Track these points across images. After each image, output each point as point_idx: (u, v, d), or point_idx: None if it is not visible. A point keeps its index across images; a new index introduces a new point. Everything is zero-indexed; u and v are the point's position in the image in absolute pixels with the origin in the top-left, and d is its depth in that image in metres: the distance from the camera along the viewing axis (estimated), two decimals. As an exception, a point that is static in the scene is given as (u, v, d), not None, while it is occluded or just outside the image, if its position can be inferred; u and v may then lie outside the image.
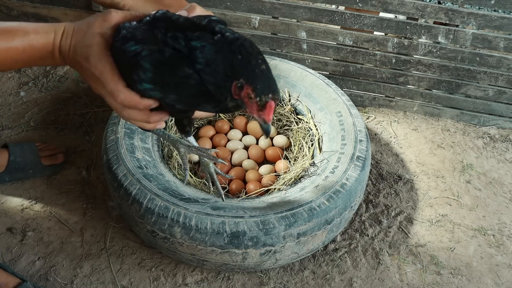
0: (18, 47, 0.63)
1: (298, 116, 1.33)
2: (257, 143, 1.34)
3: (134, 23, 0.62)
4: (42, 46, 0.65)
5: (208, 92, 0.59)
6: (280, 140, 1.33)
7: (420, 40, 1.42)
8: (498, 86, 1.49)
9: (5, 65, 0.65)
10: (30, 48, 0.64)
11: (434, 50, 1.42)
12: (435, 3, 1.47)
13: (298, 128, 1.31)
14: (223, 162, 0.91)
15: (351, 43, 1.46)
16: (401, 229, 1.24)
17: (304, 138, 1.28)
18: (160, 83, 0.60)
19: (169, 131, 1.26)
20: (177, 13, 0.65)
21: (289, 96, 1.34)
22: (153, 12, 0.63)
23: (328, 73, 1.56)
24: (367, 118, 1.59)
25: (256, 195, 1.13)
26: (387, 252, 1.18)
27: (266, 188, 1.16)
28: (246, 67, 0.57)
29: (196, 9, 0.69)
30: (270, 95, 0.57)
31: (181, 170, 1.18)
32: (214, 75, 0.58)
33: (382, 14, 1.50)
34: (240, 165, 1.28)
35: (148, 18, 0.62)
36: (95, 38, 0.62)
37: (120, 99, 0.62)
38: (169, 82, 0.60)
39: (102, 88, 0.63)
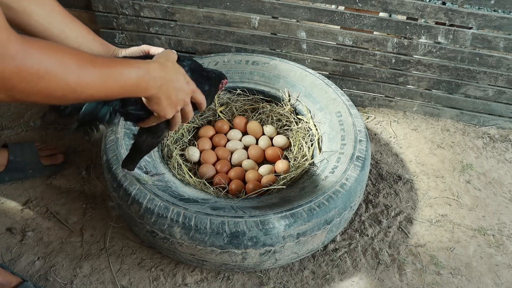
0: (133, 76, 0.70)
1: (298, 116, 1.33)
2: (256, 143, 1.34)
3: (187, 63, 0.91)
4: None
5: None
6: (280, 140, 1.33)
7: (420, 40, 1.42)
8: (497, 86, 1.49)
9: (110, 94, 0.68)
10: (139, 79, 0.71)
11: (434, 50, 1.42)
12: (435, 3, 1.47)
13: (298, 128, 1.31)
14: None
15: (351, 43, 1.46)
16: (400, 229, 1.24)
17: (304, 138, 1.28)
18: (209, 94, 0.95)
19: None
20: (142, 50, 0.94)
21: (289, 96, 1.34)
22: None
23: (328, 73, 1.56)
24: (367, 118, 1.59)
25: (256, 195, 1.13)
26: (387, 252, 1.18)
27: (266, 188, 1.15)
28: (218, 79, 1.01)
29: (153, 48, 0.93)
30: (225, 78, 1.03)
31: (180, 170, 1.18)
32: (215, 86, 0.99)
33: (381, 14, 1.50)
34: (240, 165, 1.28)
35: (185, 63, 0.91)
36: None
37: (195, 91, 0.85)
38: (211, 93, 0.96)
39: (182, 85, 0.80)
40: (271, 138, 1.35)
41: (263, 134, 1.37)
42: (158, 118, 0.82)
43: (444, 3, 1.39)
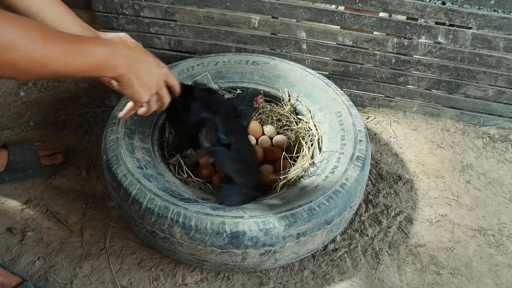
0: (99, 55, 0.69)
1: (298, 116, 1.33)
2: (256, 143, 1.34)
3: None
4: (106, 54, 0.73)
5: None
6: (280, 140, 1.33)
7: (420, 40, 1.42)
8: (497, 86, 1.49)
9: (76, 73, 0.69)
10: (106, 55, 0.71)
11: (434, 50, 1.42)
12: (435, 3, 1.47)
13: (298, 128, 1.31)
14: None
15: (351, 43, 1.46)
16: (400, 229, 1.24)
17: (304, 138, 1.28)
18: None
19: None
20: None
21: (289, 96, 1.34)
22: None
23: (327, 73, 1.56)
24: (367, 118, 1.59)
25: (255, 195, 1.13)
26: (386, 252, 1.18)
27: (265, 188, 1.16)
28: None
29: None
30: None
31: (180, 170, 1.18)
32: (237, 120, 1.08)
33: (381, 14, 1.50)
34: (239, 165, 1.27)
35: None
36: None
37: (166, 69, 0.84)
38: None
39: (152, 66, 0.79)
40: (271, 138, 1.35)
41: (263, 134, 1.37)
42: (134, 105, 0.81)
43: (444, 3, 1.40)
